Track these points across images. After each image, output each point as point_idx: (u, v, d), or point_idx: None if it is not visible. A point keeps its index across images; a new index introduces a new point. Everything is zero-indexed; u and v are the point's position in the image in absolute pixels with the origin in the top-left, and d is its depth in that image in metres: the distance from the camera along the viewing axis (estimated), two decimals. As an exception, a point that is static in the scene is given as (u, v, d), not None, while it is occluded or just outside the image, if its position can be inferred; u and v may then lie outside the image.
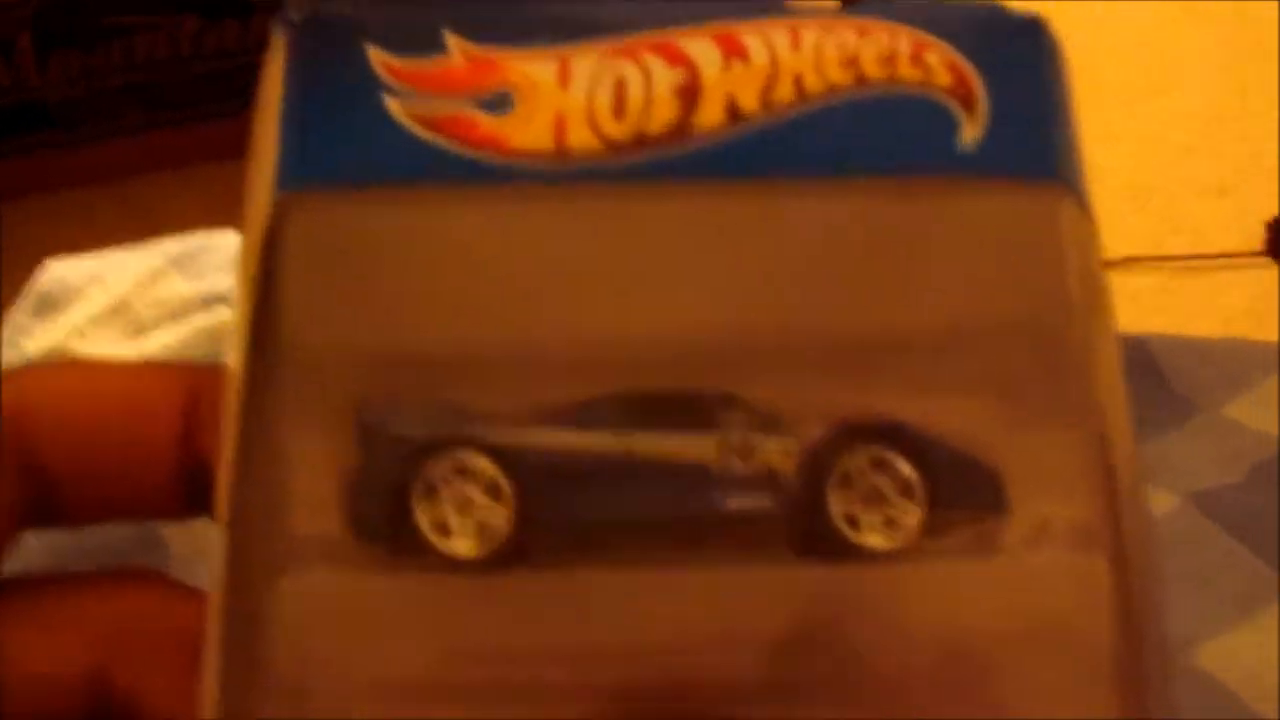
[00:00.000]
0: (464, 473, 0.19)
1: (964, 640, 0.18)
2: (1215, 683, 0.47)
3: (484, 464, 0.19)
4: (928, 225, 0.20)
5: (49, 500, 0.21)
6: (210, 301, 0.56)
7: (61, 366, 0.23)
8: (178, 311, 0.55)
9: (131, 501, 0.22)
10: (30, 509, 0.21)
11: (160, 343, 0.52)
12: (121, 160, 1.49)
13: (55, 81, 1.45)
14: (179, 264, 0.59)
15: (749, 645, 0.18)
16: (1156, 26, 1.81)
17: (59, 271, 0.59)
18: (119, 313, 0.56)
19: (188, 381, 0.21)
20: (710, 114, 0.20)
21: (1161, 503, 0.54)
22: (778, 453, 0.19)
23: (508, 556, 0.19)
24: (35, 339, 0.56)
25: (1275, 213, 1.52)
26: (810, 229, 0.20)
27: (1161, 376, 0.58)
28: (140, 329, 0.56)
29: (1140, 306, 1.43)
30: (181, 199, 1.46)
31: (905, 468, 0.19)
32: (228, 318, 0.54)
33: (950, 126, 0.20)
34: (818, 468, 0.19)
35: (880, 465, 0.19)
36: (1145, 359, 0.58)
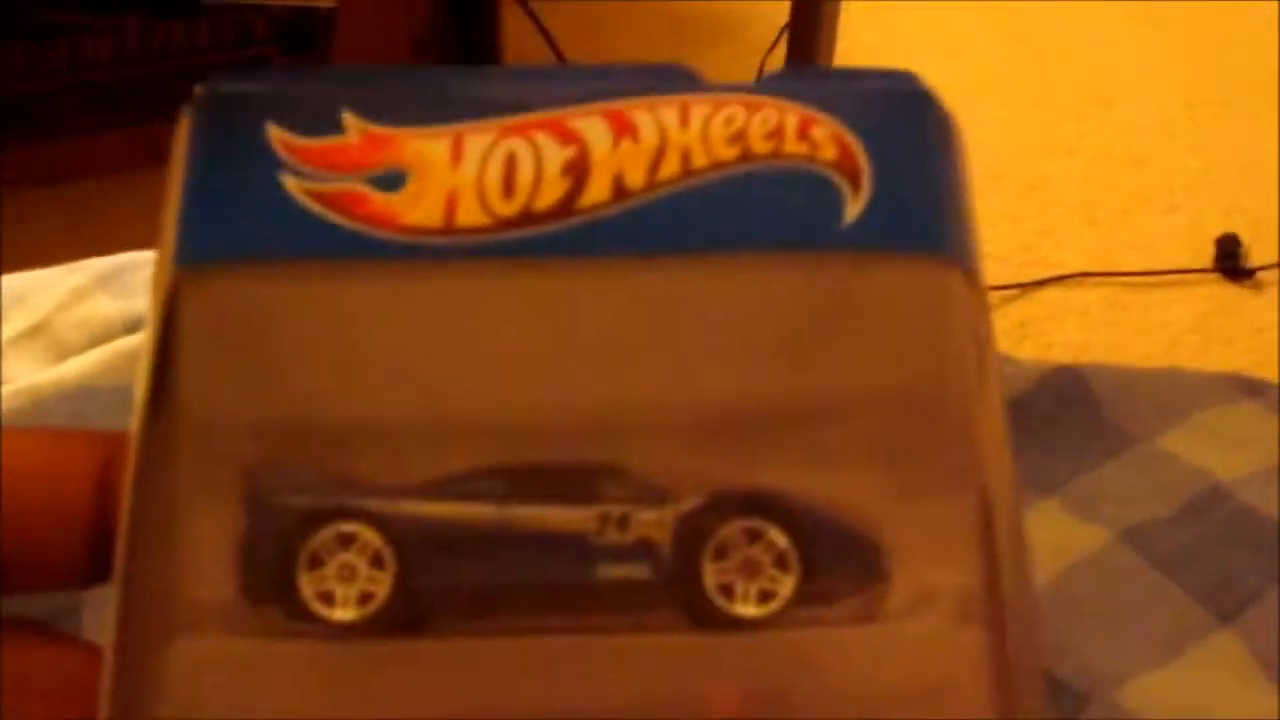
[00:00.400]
0: (347, 542, 0.19)
1: (842, 707, 0.19)
2: (1139, 720, 0.47)
3: (368, 534, 0.19)
4: (812, 298, 0.20)
5: None
6: (135, 325, 0.55)
7: None
8: (99, 333, 0.54)
9: (36, 573, 0.22)
10: None
11: (78, 369, 0.51)
12: (65, 162, 1.48)
13: (13, 77, 1.44)
14: (105, 283, 0.58)
15: (633, 710, 0.19)
16: (1106, 38, 1.82)
17: (-19, 289, 0.58)
18: (39, 333, 0.55)
19: (104, 449, 0.21)
20: (597, 191, 0.20)
21: (1093, 537, 0.54)
22: (654, 523, 0.19)
23: (390, 624, 0.19)
24: (-46, 359, 0.55)
25: (1225, 229, 1.53)
26: (694, 303, 0.20)
27: (1096, 406, 0.58)
28: (61, 351, 0.55)
29: (1090, 321, 1.43)
30: (125, 203, 1.45)
31: (780, 538, 0.19)
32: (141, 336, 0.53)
33: (835, 201, 0.20)
34: (693, 538, 0.20)
35: (754, 536, 0.20)
36: (1080, 388, 0.58)
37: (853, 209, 0.20)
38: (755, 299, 0.20)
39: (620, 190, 0.20)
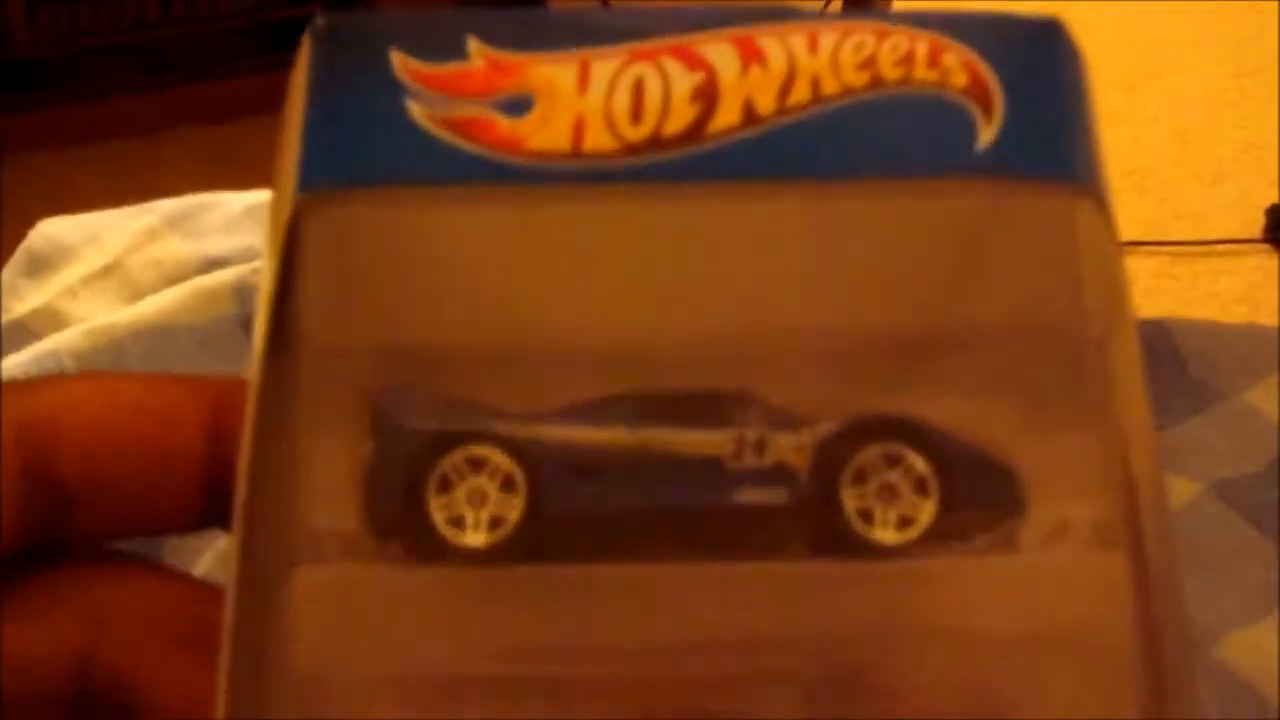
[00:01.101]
0: (478, 466, 0.19)
1: (980, 638, 0.18)
2: (1234, 675, 0.46)
3: (498, 457, 0.19)
4: (945, 226, 0.20)
5: (62, 516, 0.21)
6: (207, 265, 0.54)
7: (82, 376, 0.23)
8: (173, 274, 0.54)
9: (147, 519, 0.22)
10: (39, 523, 0.21)
11: (155, 308, 0.51)
12: (111, 120, 1.48)
13: (44, 40, 1.44)
14: (175, 224, 0.58)
15: (762, 641, 0.19)
16: (1156, 11, 1.80)
17: (52, 230, 0.57)
18: (112, 273, 0.55)
19: (211, 394, 0.21)
20: (726, 116, 0.20)
21: (1183, 490, 0.53)
22: (791, 448, 0.19)
23: (520, 550, 0.19)
24: (25, 300, 0.55)
25: (1274, 199, 1.52)
26: (825, 229, 0.20)
27: (1182, 362, 0.57)
28: (135, 291, 0.54)
29: (1139, 291, 1.42)
30: (169, 161, 1.46)
31: (919, 463, 0.19)
32: (226, 281, 0.52)
33: (968, 127, 0.20)
34: (831, 462, 0.19)
35: (894, 461, 0.19)
36: (1166, 343, 0.57)
37: (985, 135, 0.20)
38: (887, 226, 0.20)
39: (750, 116, 0.20)
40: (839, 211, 0.20)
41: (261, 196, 0.57)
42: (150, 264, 0.55)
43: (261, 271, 0.20)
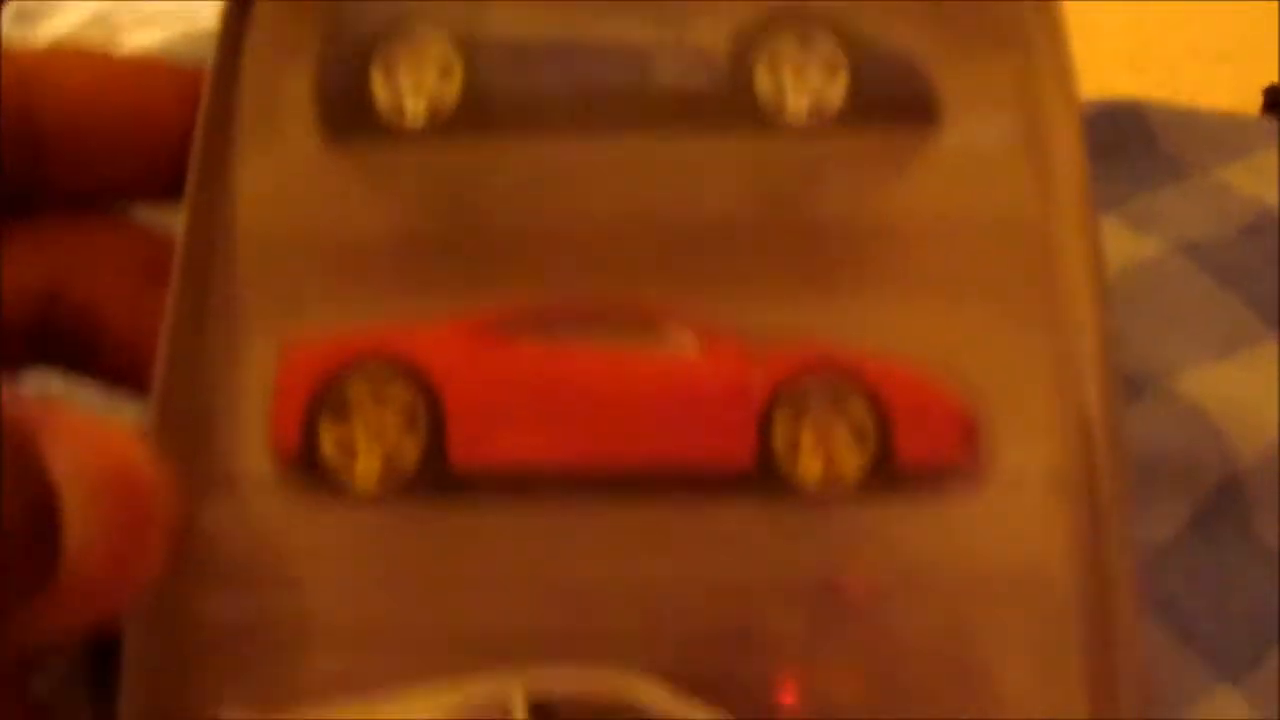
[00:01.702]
0: (416, 51, 0.20)
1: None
2: (1193, 407, 0.47)
3: (439, 42, 0.20)
4: None
5: (39, 166, 0.22)
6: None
7: (75, 49, 0.24)
8: (160, 23, 0.54)
9: (118, 181, 0.22)
10: (17, 171, 0.21)
11: (137, 43, 0.51)
12: None
13: None
14: None
15: (710, 220, 0.19)
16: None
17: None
18: (99, 23, 0.55)
19: (189, 76, 0.22)
20: None
21: (1150, 246, 0.53)
22: (710, 32, 0.20)
23: (456, 128, 0.19)
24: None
25: (1273, 79, 1.51)
26: None
27: (1153, 138, 0.57)
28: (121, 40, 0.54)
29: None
30: None
31: (828, 44, 0.19)
32: (208, 17, 0.52)
33: None
34: (747, 46, 0.20)
35: (806, 41, 0.19)
36: (1138, 121, 0.58)
37: None
38: None
39: None
40: None
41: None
42: (135, 12, 0.55)
43: None
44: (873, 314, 0.18)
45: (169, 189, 0.22)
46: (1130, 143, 0.62)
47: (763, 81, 0.19)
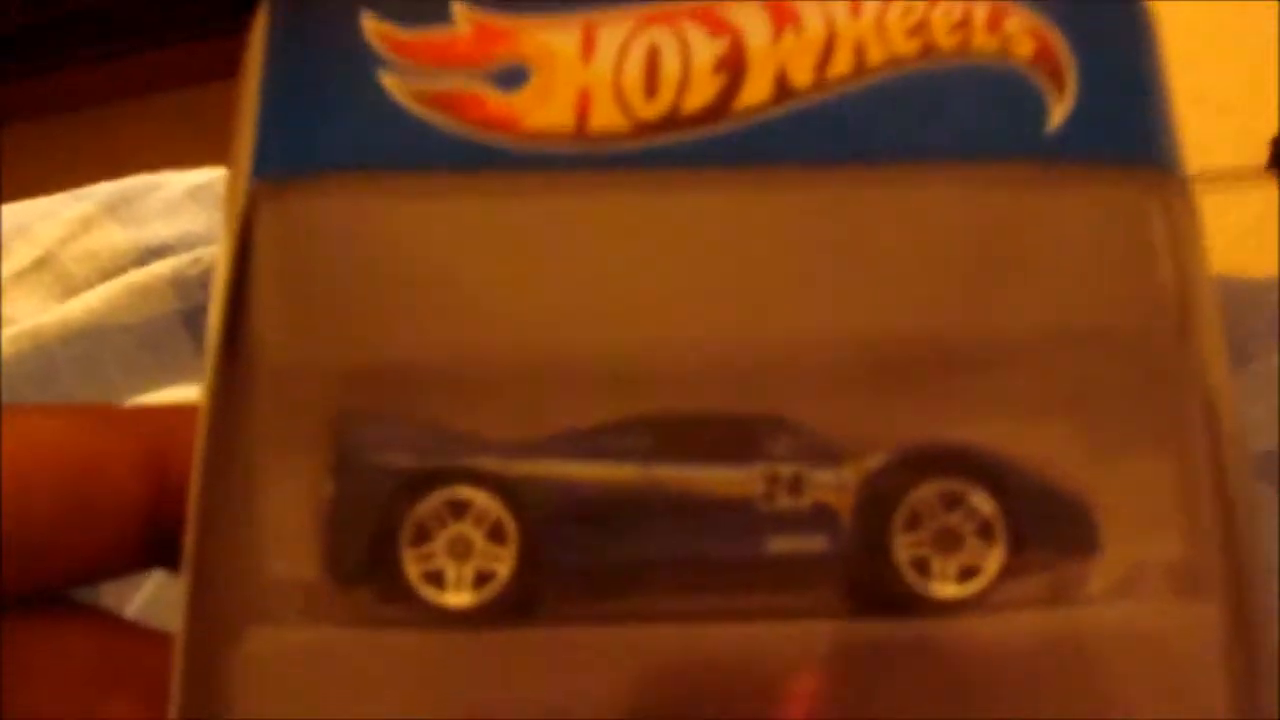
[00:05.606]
0: (460, 511, 0.17)
1: (1050, 707, 0.16)
2: None
3: (485, 500, 0.17)
4: (1006, 220, 0.18)
5: None
6: (147, 256, 0.51)
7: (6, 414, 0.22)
8: (109, 267, 0.50)
9: (78, 571, 0.20)
10: None
11: (85, 306, 0.47)
12: (79, 89, 1.47)
13: (11, 11, 1.44)
14: (114, 210, 0.54)
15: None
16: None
17: (-24, 221, 0.54)
18: (45, 267, 0.51)
19: (149, 427, 0.20)
20: (755, 90, 0.18)
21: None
22: (831, 487, 0.17)
23: (510, 608, 0.17)
24: (-52, 301, 0.51)
25: (1278, 130, 1.51)
26: (869, 223, 0.18)
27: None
28: (68, 287, 0.50)
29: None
30: (141, 126, 1.45)
31: (984, 503, 0.17)
32: (165, 273, 0.48)
33: (1035, 104, 0.18)
34: (880, 504, 0.17)
35: (953, 501, 0.17)
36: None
37: (1057, 113, 0.18)
38: (940, 219, 0.18)
39: (783, 90, 0.18)
40: (885, 202, 0.18)
41: (207, 175, 0.53)
42: (85, 256, 0.52)
43: (215, 269, 0.18)
44: None
45: (145, 560, 0.20)
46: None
47: (900, 549, 0.17)
